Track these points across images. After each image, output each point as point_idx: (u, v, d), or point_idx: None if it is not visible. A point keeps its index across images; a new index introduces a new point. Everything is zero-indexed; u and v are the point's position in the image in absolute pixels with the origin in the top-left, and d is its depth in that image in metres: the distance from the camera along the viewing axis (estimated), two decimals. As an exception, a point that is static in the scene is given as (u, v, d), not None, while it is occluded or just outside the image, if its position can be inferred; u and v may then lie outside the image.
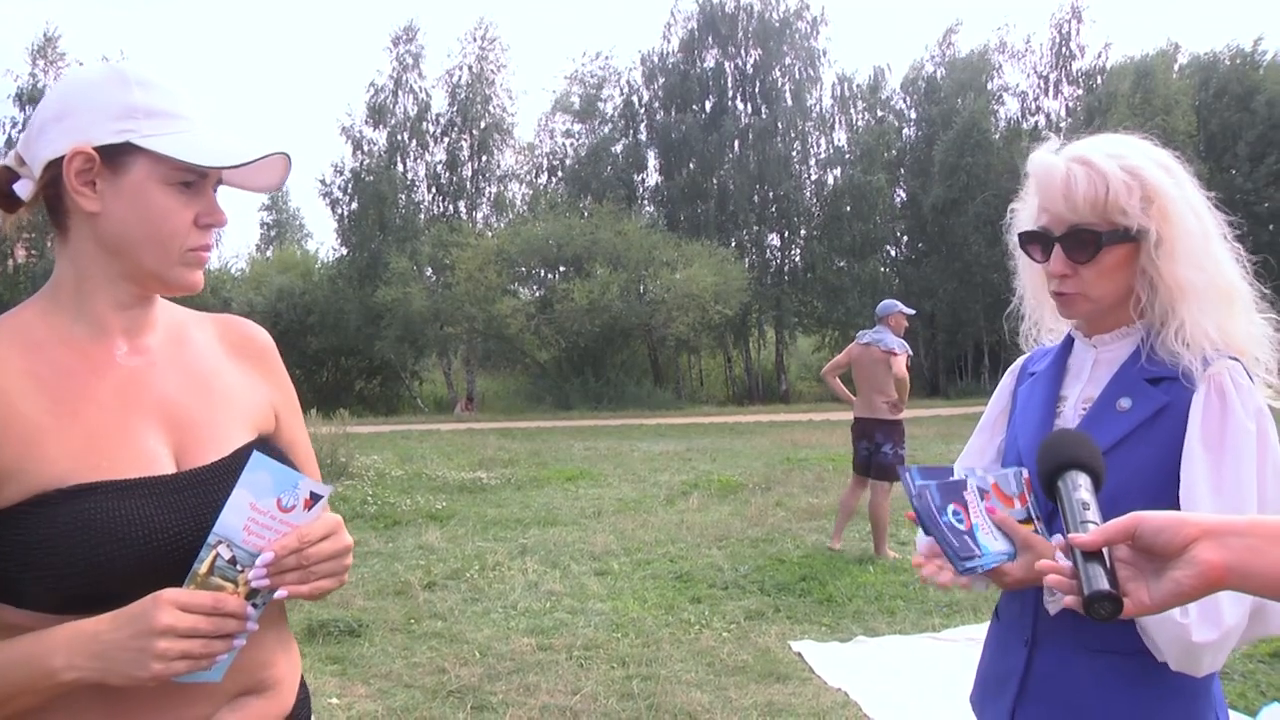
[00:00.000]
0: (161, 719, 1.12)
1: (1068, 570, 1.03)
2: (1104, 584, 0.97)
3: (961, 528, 1.35)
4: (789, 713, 4.04)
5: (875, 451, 6.83)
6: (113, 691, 1.07)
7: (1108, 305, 1.47)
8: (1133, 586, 0.98)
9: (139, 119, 1.13)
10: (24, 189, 1.17)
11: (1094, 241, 1.41)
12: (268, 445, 1.26)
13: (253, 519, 1.10)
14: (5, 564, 1.06)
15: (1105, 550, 0.99)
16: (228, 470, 1.15)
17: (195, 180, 1.17)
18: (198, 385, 1.24)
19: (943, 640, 4.96)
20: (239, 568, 1.09)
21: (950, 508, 1.36)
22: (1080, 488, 1.12)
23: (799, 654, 4.80)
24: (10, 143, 31.02)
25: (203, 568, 1.08)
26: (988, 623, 1.68)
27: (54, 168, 1.14)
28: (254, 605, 1.11)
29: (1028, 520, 1.44)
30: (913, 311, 7.26)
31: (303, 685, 1.34)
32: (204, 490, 1.15)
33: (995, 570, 1.38)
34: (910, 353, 6.95)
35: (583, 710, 4.09)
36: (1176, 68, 35.44)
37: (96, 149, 1.12)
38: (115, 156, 1.13)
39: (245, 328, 1.38)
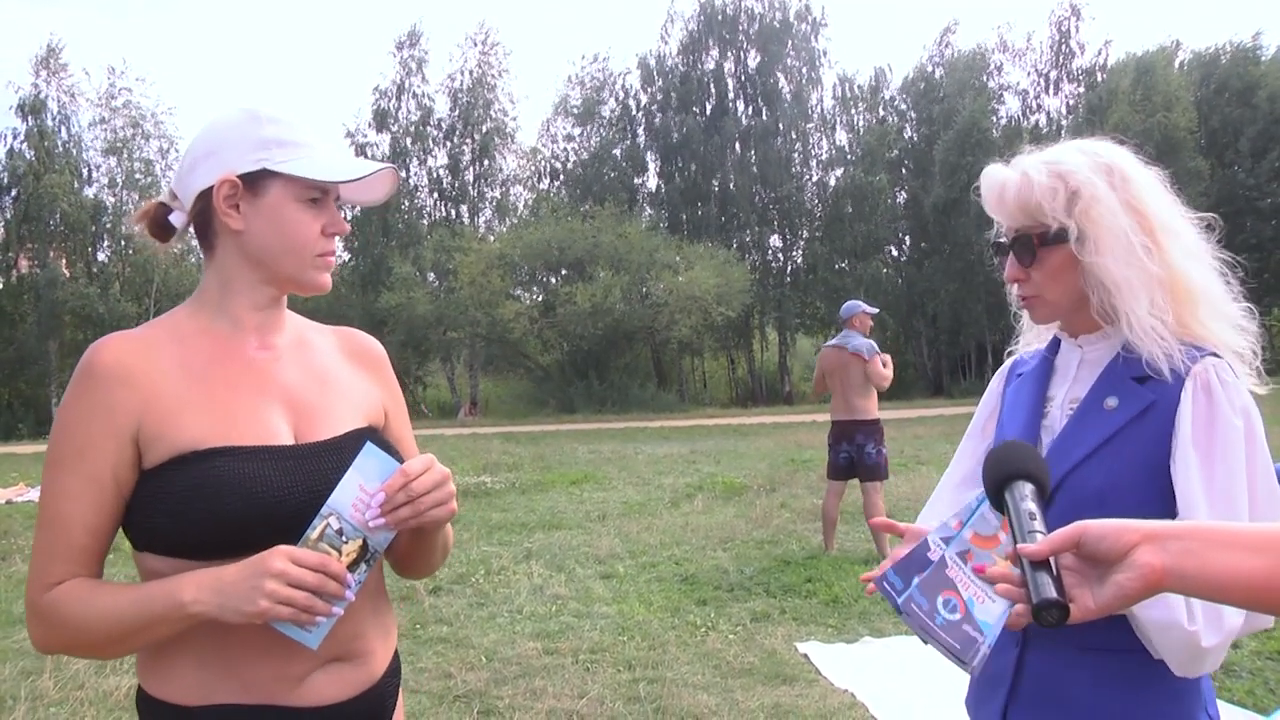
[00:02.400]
0: (264, 671, 1.30)
1: (1016, 579, 1.06)
2: (1051, 592, 1.00)
3: (956, 618, 1.31)
4: (796, 714, 4.03)
5: (859, 453, 6.81)
6: (229, 647, 1.28)
7: (1066, 307, 1.50)
8: (1078, 592, 1.02)
9: (272, 149, 1.34)
10: (178, 219, 1.40)
11: (1030, 245, 1.47)
12: (377, 436, 1.43)
13: (359, 499, 1.27)
14: (152, 515, 1.27)
15: (1052, 558, 1.03)
16: (337, 446, 1.35)
17: (320, 196, 1.37)
18: (316, 378, 1.43)
19: (949, 640, 4.95)
20: (344, 539, 1.27)
21: (939, 600, 1.32)
22: (1027, 498, 1.13)
23: (805, 655, 4.79)
24: (11, 153, 31.11)
25: (314, 533, 1.25)
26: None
27: (204, 197, 1.35)
28: (355, 576, 1.27)
29: None
30: (875, 310, 7.32)
31: (395, 658, 1.49)
32: (316, 460, 1.33)
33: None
34: (878, 350, 6.97)
35: (589, 714, 4.08)
36: (1177, 64, 35.42)
37: (239, 176, 1.33)
38: (254, 182, 1.34)
39: (361, 338, 1.58)
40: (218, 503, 1.24)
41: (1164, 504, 1.36)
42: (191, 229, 1.40)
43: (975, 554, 1.36)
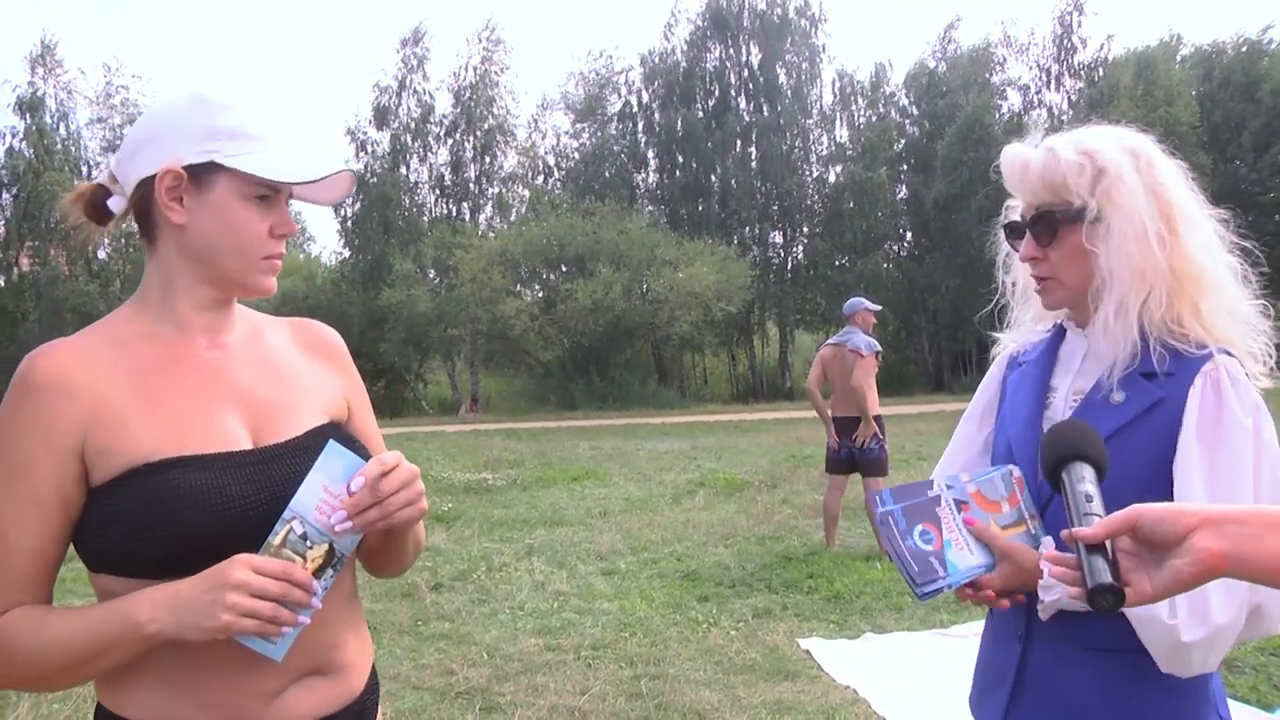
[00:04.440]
0: (235, 687, 1.21)
1: (1072, 562, 1.03)
2: (1106, 577, 0.98)
3: (929, 548, 1.32)
4: (798, 710, 4.03)
5: (860, 449, 6.83)
6: (194, 661, 1.19)
7: (1081, 291, 1.46)
8: (1134, 576, 1.00)
9: (221, 140, 1.25)
10: (116, 204, 1.30)
11: (1053, 222, 1.43)
12: (340, 431, 1.35)
13: (324, 500, 1.20)
14: (106, 535, 1.18)
15: (1107, 542, 1.01)
16: (300, 447, 1.26)
17: (271, 195, 1.29)
18: (272, 375, 1.34)
19: (951, 636, 4.95)
20: (309, 544, 1.19)
21: (918, 529, 1.33)
22: (1084, 480, 1.11)
23: (807, 651, 4.79)
24: (11, 152, 31.09)
25: (276, 539, 1.18)
26: (994, 619, 1.66)
27: (145, 185, 1.26)
28: (321, 583, 1.20)
29: (1019, 522, 1.40)
30: (878, 307, 7.33)
31: (373, 673, 1.41)
32: (278, 464, 1.25)
33: (975, 584, 1.36)
34: (879, 349, 6.97)
35: (591, 710, 4.09)
36: (1179, 58, 35.36)
37: (184, 168, 1.24)
38: (201, 174, 1.25)
39: (317, 328, 1.49)
40: (175, 518, 1.16)
41: (1169, 501, 1.33)
42: (132, 218, 1.32)
43: (972, 508, 1.37)
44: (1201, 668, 1.30)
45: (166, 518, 1.16)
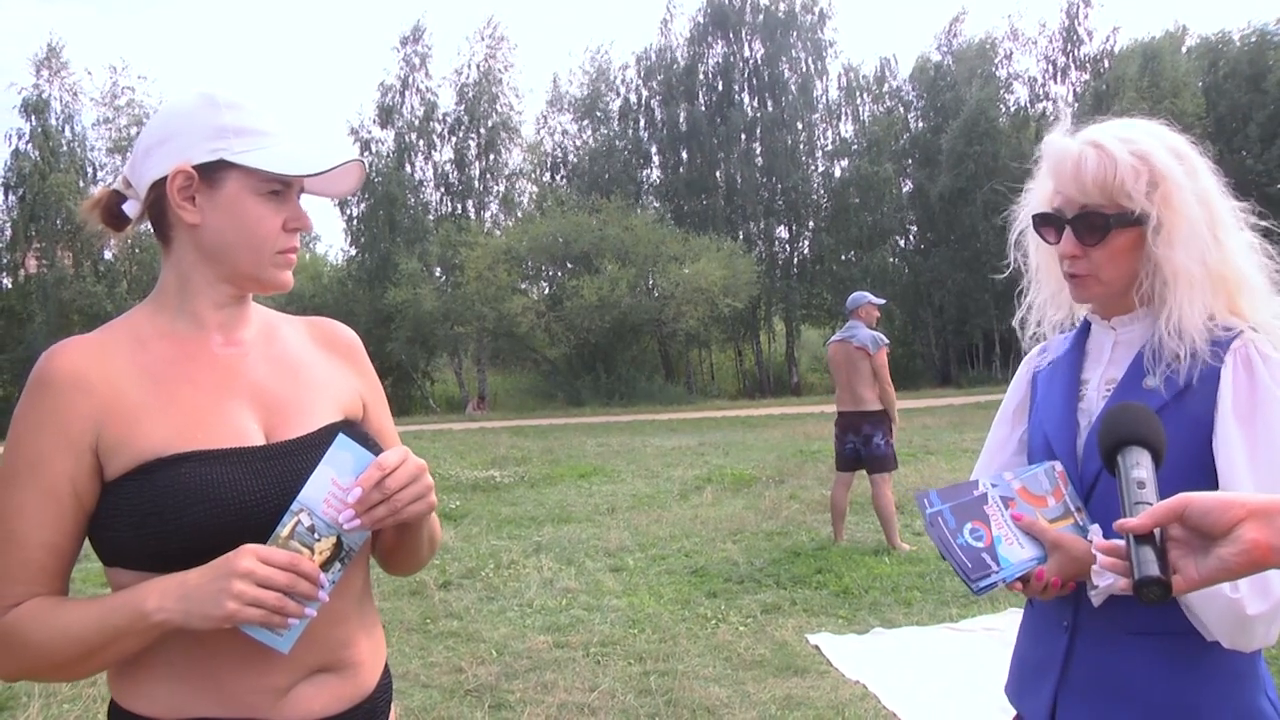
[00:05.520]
0: (244, 682, 1.22)
1: (1122, 551, 1.03)
2: (1153, 569, 0.98)
3: (980, 545, 1.34)
4: (808, 706, 4.03)
5: (866, 444, 6.81)
6: (204, 655, 1.20)
7: (1118, 289, 1.47)
8: (1183, 563, 1.00)
9: (229, 138, 1.26)
10: (132, 209, 1.33)
11: (1103, 224, 1.43)
12: (355, 429, 1.35)
13: (332, 493, 1.20)
14: (118, 529, 1.19)
15: (1156, 531, 1.00)
16: (313, 444, 1.27)
17: (282, 189, 1.30)
18: (287, 372, 1.35)
19: (960, 631, 4.94)
20: (316, 536, 1.20)
21: (968, 527, 1.35)
22: (1139, 466, 1.10)
23: (816, 647, 4.79)
24: (17, 154, 31.17)
25: (284, 531, 1.18)
26: (1005, 613, 1.67)
27: (158, 187, 1.27)
28: (328, 575, 1.20)
29: (1065, 515, 1.41)
30: (882, 301, 7.30)
31: (386, 672, 1.40)
32: (290, 460, 1.25)
33: (1027, 578, 1.37)
34: (886, 343, 6.95)
35: (601, 707, 4.09)
36: (1184, 49, 35.20)
37: (195, 167, 1.25)
38: (211, 173, 1.26)
39: (334, 327, 1.50)
40: (185, 512, 1.17)
41: (1209, 484, 1.34)
42: (147, 220, 1.33)
43: (1018, 504, 1.39)
44: (1263, 641, 1.31)
45: (176, 512, 1.17)
